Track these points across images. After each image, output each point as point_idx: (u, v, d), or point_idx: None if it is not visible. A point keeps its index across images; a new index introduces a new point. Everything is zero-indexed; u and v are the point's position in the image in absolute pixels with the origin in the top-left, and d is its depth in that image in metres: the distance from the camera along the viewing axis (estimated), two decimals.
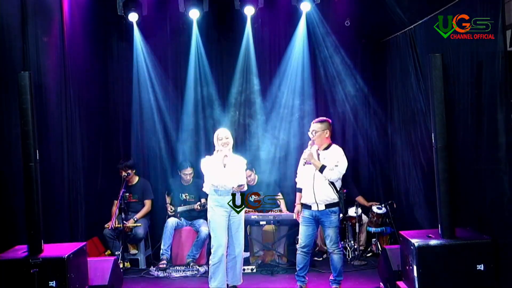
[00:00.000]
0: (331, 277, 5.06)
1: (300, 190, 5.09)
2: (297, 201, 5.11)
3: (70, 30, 5.83)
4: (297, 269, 5.07)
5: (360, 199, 6.55)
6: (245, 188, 5.06)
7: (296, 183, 5.20)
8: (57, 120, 5.54)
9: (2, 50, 4.67)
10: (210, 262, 4.95)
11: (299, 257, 5.02)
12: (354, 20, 6.76)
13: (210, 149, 6.43)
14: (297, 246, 5.08)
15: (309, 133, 4.99)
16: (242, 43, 6.88)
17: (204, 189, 5.10)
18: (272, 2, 6.64)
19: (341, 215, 6.30)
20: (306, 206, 4.97)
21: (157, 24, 6.85)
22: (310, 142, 4.96)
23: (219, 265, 4.89)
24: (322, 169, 4.84)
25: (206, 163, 5.04)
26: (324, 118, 5.12)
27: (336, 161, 4.90)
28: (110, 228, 6.07)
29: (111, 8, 6.39)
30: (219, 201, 4.95)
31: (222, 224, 4.92)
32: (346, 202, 5.53)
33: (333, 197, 4.89)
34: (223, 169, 4.92)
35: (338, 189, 4.94)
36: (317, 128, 4.95)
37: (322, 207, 4.87)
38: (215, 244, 4.92)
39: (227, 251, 5.00)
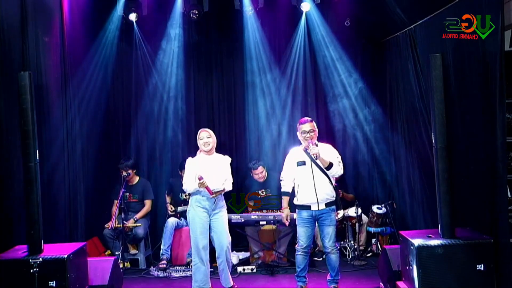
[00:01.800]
0: (328, 277, 5.04)
1: (286, 194, 5.02)
2: (285, 204, 5.04)
3: (70, 30, 5.82)
4: (298, 270, 5.02)
5: None
6: (227, 189, 5.00)
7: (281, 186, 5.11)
8: (57, 120, 5.54)
9: (2, 50, 4.67)
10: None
11: (300, 258, 4.97)
12: (354, 20, 6.76)
13: None
14: (297, 247, 5.01)
15: (304, 134, 4.86)
16: (242, 43, 6.89)
17: (183, 187, 5.06)
18: (272, 2, 6.64)
19: (339, 212, 6.36)
20: (304, 207, 4.90)
21: (157, 24, 6.86)
22: (308, 142, 4.82)
23: (199, 267, 4.87)
24: (330, 166, 4.80)
25: (188, 165, 5.01)
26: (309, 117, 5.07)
27: (336, 156, 4.90)
28: (110, 228, 6.07)
29: (111, 8, 6.38)
30: (201, 201, 4.91)
31: (201, 225, 4.88)
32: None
33: (332, 194, 4.88)
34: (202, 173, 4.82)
35: (334, 185, 4.93)
36: (314, 127, 4.90)
37: (322, 206, 4.83)
38: (193, 245, 4.90)
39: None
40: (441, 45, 4.78)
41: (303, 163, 4.90)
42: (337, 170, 4.85)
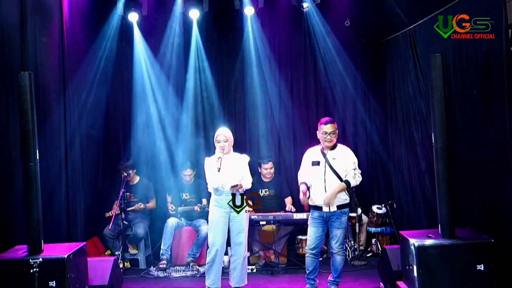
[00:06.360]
0: (330, 278, 5.00)
1: (304, 183, 4.85)
2: (303, 188, 4.81)
3: (70, 30, 5.82)
4: (307, 272, 4.94)
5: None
6: (245, 187, 4.96)
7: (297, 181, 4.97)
8: (56, 120, 5.54)
9: (2, 50, 4.67)
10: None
11: (309, 260, 4.88)
12: (354, 20, 6.76)
13: (210, 149, 6.44)
14: (306, 248, 4.93)
15: (325, 135, 4.77)
16: (242, 43, 6.90)
17: (209, 190, 5.10)
18: (272, 2, 6.64)
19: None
20: (316, 207, 4.83)
21: (157, 24, 6.86)
22: (323, 144, 4.77)
23: (212, 265, 4.91)
24: (348, 185, 4.73)
25: (206, 164, 5.04)
26: (331, 118, 4.96)
27: (353, 162, 4.81)
28: (110, 228, 6.07)
29: (111, 8, 6.38)
30: (218, 201, 4.95)
31: (219, 225, 4.91)
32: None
33: (344, 197, 4.80)
34: (218, 171, 4.86)
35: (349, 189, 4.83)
36: (334, 129, 4.79)
37: (334, 209, 4.76)
38: (210, 243, 4.95)
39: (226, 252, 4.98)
40: (441, 45, 4.79)
41: (318, 163, 4.84)
42: (354, 184, 4.79)
